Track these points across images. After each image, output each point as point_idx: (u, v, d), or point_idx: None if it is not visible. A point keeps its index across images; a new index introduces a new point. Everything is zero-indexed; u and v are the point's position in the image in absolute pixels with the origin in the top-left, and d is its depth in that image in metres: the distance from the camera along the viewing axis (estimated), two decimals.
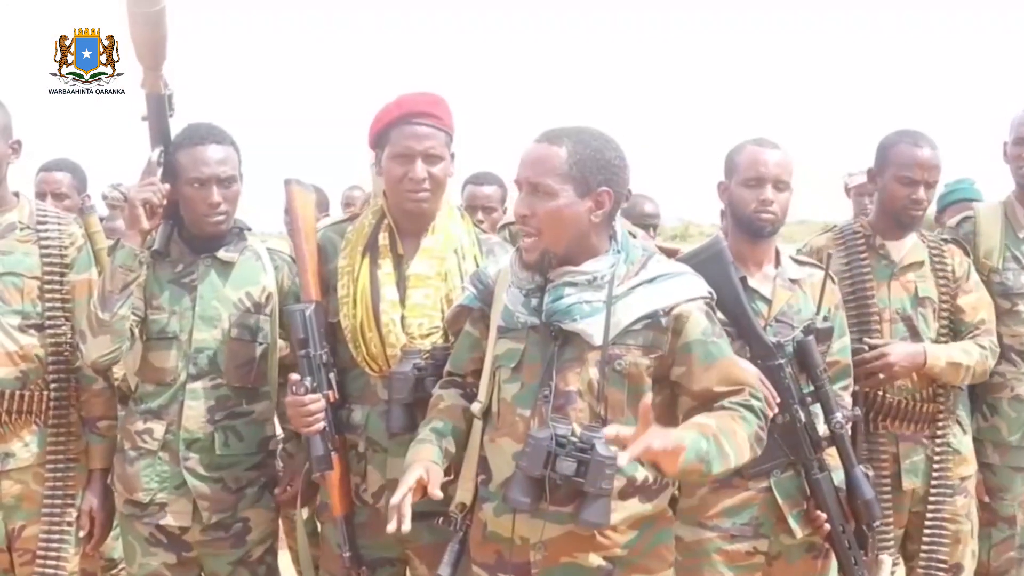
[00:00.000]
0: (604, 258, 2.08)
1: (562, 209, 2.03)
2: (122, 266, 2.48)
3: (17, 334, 2.65)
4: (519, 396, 2.09)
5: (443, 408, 2.25)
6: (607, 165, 2.05)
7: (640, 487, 2.06)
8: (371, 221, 2.57)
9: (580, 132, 2.08)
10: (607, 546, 2.06)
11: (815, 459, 2.42)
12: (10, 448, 2.65)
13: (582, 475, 1.94)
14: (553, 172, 2.02)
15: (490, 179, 4.10)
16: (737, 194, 2.52)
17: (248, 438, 2.66)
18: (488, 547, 2.15)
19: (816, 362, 2.42)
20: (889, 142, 2.96)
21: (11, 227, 2.71)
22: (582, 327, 2.03)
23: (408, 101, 2.49)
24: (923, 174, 2.87)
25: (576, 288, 2.05)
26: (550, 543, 2.06)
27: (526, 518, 2.05)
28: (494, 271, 2.25)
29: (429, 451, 2.14)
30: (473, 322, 2.28)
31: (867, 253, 2.94)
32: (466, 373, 2.28)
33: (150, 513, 2.61)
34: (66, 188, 3.92)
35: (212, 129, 2.61)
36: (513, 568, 2.11)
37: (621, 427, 1.86)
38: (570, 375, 2.05)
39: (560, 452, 1.95)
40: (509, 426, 2.10)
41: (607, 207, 2.05)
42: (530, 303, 2.09)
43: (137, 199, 2.48)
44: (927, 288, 2.94)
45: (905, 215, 2.92)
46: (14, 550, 2.69)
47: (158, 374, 2.61)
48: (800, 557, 2.47)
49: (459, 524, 2.20)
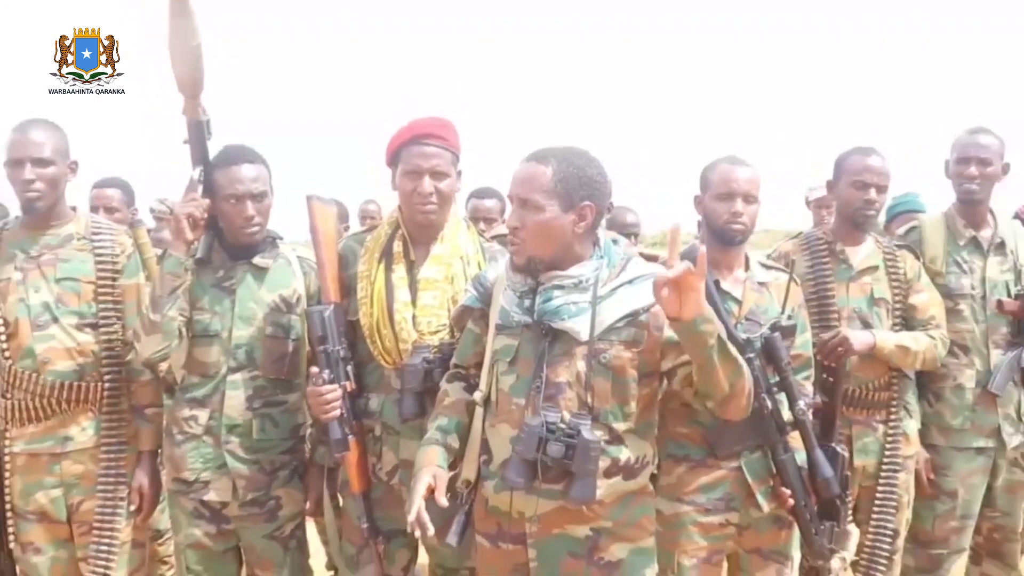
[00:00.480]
0: (588, 263, 2.08)
1: (548, 222, 2.04)
2: (170, 273, 2.49)
3: (75, 332, 2.68)
4: (515, 387, 2.10)
5: (448, 404, 2.27)
6: (589, 182, 2.06)
7: (623, 467, 2.08)
8: (387, 231, 2.59)
9: (566, 152, 2.08)
10: (593, 518, 2.08)
11: (780, 441, 2.42)
12: (69, 432, 2.68)
13: (570, 457, 1.96)
14: (540, 189, 2.03)
15: (490, 193, 4.11)
16: (711, 207, 2.52)
17: (282, 425, 2.67)
18: (489, 519, 2.17)
19: (781, 356, 2.43)
20: (844, 155, 3.00)
21: (69, 238, 2.73)
22: (570, 325, 2.04)
23: (417, 125, 2.50)
24: (873, 178, 2.91)
25: (564, 291, 2.06)
26: (543, 516, 2.08)
27: (522, 495, 2.06)
28: (492, 275, 2.26)
29: (434, 455, 2.16)
30: (475, 320, 2.29)
31: (829, 258, 2.97)
32: (469, 365, 2.30)
33: (195, 490, 2.63)
34: (116, 203, 3.92)
35: (244, 150, 2.62)
36: (511, 538, 2.14)
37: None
38: (560, 368, 2.06)
39: (550, 437, 1.97)
40: (506, 413, 2.11)
41: (589, 219, 2.06)
42: (523, 304, 2.10)
43: (182, 214, 2.49)
44: (881, 290, 2.96)
45: (859, 216, 2.95)
46: (73, 522, 2.71)
47: (202, 367, 2.62)
48: (767, 528, 2.47)
49: (464, 498, 2.22)
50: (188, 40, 2.42)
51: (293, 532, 2.73)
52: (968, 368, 3.11)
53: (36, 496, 2.67)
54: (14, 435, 2.67)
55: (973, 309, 3.12)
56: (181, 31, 2.42)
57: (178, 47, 2.44)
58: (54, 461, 2.67)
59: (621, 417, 2.07)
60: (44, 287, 2.67)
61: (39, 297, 2.66)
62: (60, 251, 2.70)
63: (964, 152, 3.14)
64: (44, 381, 2.64)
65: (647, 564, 2.15)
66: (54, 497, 2.68)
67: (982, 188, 3.14)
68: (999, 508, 3.21)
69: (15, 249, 2.70)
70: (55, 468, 2.67)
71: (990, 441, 3.13)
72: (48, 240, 2.71)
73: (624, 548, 2.11)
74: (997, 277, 3.14)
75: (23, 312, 2.65)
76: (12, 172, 2.64)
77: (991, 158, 3.13)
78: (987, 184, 3.15)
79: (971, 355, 3.12)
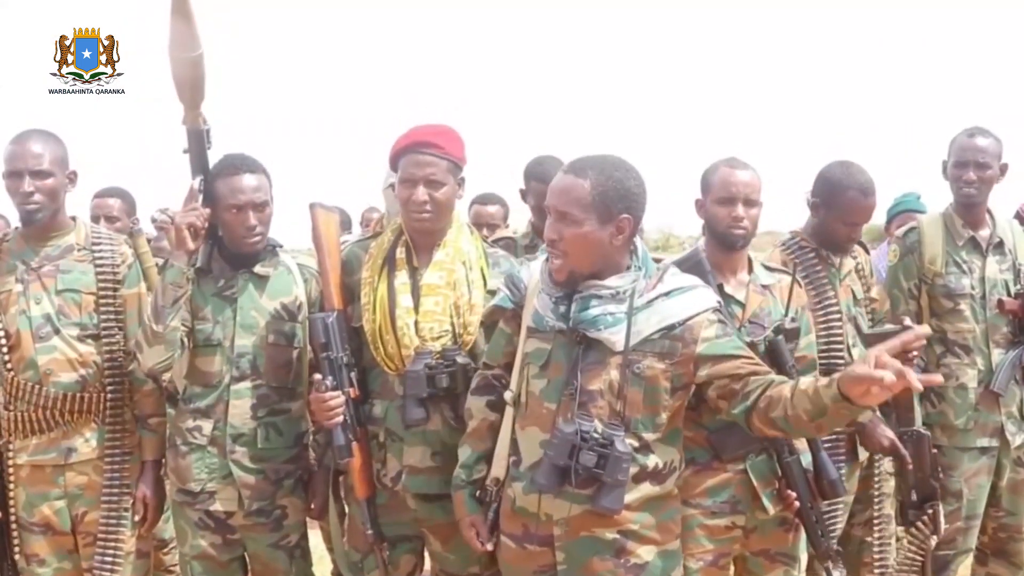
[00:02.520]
0: (626, 275, 2.09)
1: (586, 235, 2.04)
2: (172, 283, 2.48)
3: (77, 343, 2.67)
4: (546, 391, 2.11)
5: (472, 431, 2.33)
6: (627, 194, 2.05)
7: (651, 473, 2.09)
8: (390, 237, 2.58)
9: (603, 163, 2.07)
10: (621, 521, 2.08)
11: (785, 444, 2.42)
12: (73, 444, 2.67)
13: (601, 467, 1.99)
14: (578, 203, 2.03)
15: (493, 199, 4.12)
16: (712, 211, 2.51)
17: (286, 433, 2.66)
18: (516, 520, 2.17)
19: (786, 359, 2.42)
20: (835, 182, 2.79)
21: (69, 248, 2.72)
22: (605, 336, 2.05)
23: (415, 133, 2.50)
24: (863, 218, 2.83)
25: (601, 300, 2.06)
26: (571, 520, 2.08)
27: (551, 498, 2.08)
28: (527, 276, 2.26)
29: (464, 503, 2.29)
30: (506, 321, 2.30)
31: (819, 263, 2.87)
32: (499, 364, 2.31)
33: (200, 500, 2.61)
34: (117, 212, 3.92)
35: (246, 159, 2.61)
36: (538, 540, 2.13)
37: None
38: (592, 376, 2.06)
39: (584, 446, 1.98)
40: (537, 416, 2.12)
41: (628, 231, 2.07)
42: (558, 309, 2.10)
43: (183, 223, 2.48)
44: (859, 290, 2.96)
45: (845, 245, 2.87)
46: (78, 533, 2.71)
47: (204, 377, 2.61)
48: (773, 530, 2.47)
49: (494, 496, 2.24)
50: (189, 49, 2.42)
51: (299, 541, 2.72)
52: (970, 368, 3.12)
53: (40, 508, 2.67)
54: (18, 447, 2.66)
55: (973, 309, 3.13)
56: (181, 39, 2.41)
57: (178, 56, 2.43)
58: (58, 472, 2.66)
59: (651, 427, 2.08)
60: (45, 298, 2.66)
61: (40, 308, 2.65)
62: (61, 262, 2.70)
63: (962, 156, 3.14)
64: (47, 393, 2.63)
65: (674, 567, 2.16)
66: (58, 508, 2.67)
67: (980, 191, 3.15)
68: (1004, 507, 3.21)
69: (15, 260, 2.69)
70: (59, 479, 2.66)
71: (994, 440, 3.14)
72: (48, 251, 2.70)
73: (651, 551, 2.11)
74: (996, 276, 3.15)
75: (24, 324, 2.64)
76: (11, 184, 2.63)
77: (989, 161, 3.13)
78: (985, 187, 3.15)
79: (973, 355, 3.12)
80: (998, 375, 3.10)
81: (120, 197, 3.98)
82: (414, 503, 2.50)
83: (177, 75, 2.46)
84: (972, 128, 3.18)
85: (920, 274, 3.16)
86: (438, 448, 2.46)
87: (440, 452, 2.46)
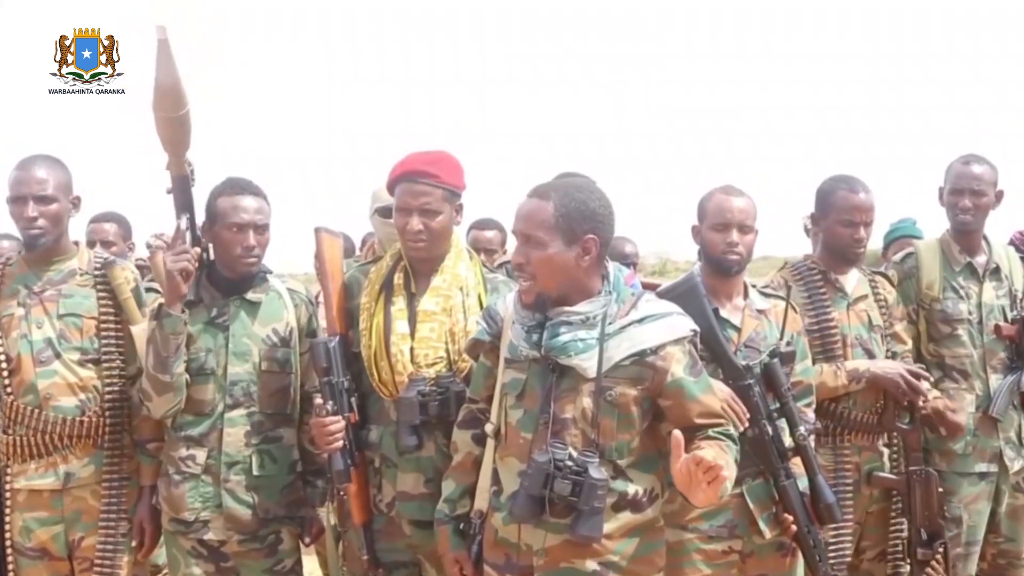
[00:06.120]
0: (597, 299, 2.10)
1: (552, 257, 2.06)
2: (172, 333, 2.50)
3: (77, 367, 2.68)
4: (522, 421, 2.12)
5: (456, 465, 2.33)
6: (592, 215, 2.07)
7: (631, 501, 2.09)
8: (389, 263, 2.60)
9: (567, 186, 2.11)
10: (601, 552, 2.07)
11: (782, 468, 2.43)
12: (71, 468, 2.67)
13: (576, 495, 1.98)
14: (542, 225, 2.06)
15: (491, 224, 4.13)
16: (707, 237, 2.55)
17: (280, 460, 2.67)
18: (498, 549, 2.18)
19: (781, 382, 2.45)
20: (828, 189, 2.96)
21: (72, 273, 2.74)
22: (576, 362, 2.06)
23: (409, 160, 2.51)
24: (862, 216, 2.90)
25: (571, 327, 2.07)
26: (550, 550, 2.08)
27: (530, 528, 2.08)
28: (503, 308, 2.27)
29: (447, 538, 2.29)
30: (486, 354, 2.30)
31: (824, 286, 2.96)
32: (482, 399, 2.31)
33: (194, 529, 2.62)
34: (113, 236, 3.89)
35: (250, 183, 2.65)
36: (519, 570, 2.13)
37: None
38: (566, 404, 2.07)
39: (558, 474, 1.98)
40: (515, 447, 2.12)
41: (594, 252, 2.08)
42: (531, 338, 2.12)
43: (174, 270, 2.48)
44: (876, 317, 2.99)
45: (850, 253, 2.95)
46: (75, 558, 2.70)
47: (198, 406, 2.62)
48: (770, 555, 2.48)
49: (478, 528, 2.24)
50: (175, 109, 2.43)
51: (293, 566, 2.72)
52: (968, 393, 3.13)
53: (37, 532, 2.67)
54: (15, 471, 2.67)
55: (971, 334, 3.15)
56: (167, 99, 2.41)
57: (164, 116, 2.43)
58: (55, 497, 2.67)
59: (625, 452, 2.09)
60: (47, 323, 2.68)
61: (42, 333, 2.67)
62: (63, 287, 2.72)
63: (958, 183, 3.18)
64: (46, 417, 2.64)
65: None
66: (55, 533, 2.67)
67: (976, 218, 3.18)
68: (1003, 533, 3.21)
69: (18, 284, 2.71)
70: (56, 504, 2.67)
71: (992, 466, 3.14)
72: (51, 275, 2.72)
73: None
74: (993, 302, 3.18)
75: (25, 348, 2.66)
76: (15, 209, 2.66)
77: (985, 189, 3.16)
78: (981, 214, 3.18)
79: (970, 380, 3.14)
80: (996, 400, 3.11)
81: (116, 222, 3.97)
82: (409, 529, 2.50)
83: (162, 133, 2.47)
84: (967, 155, 3.21)
85: (918, 299, 3.19)
86: (431, 475, 2.45)
87: (433, 479, 2.45)
